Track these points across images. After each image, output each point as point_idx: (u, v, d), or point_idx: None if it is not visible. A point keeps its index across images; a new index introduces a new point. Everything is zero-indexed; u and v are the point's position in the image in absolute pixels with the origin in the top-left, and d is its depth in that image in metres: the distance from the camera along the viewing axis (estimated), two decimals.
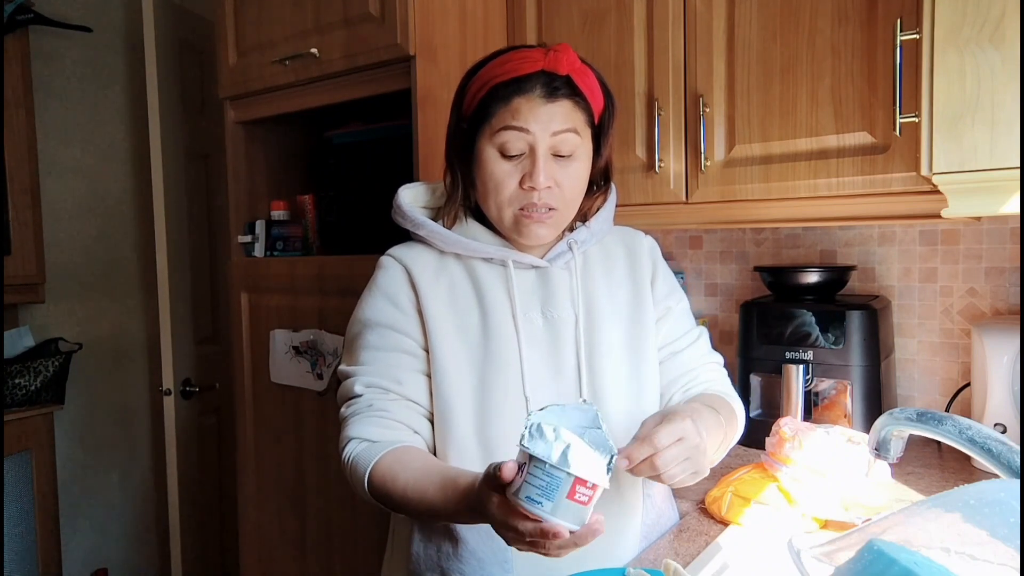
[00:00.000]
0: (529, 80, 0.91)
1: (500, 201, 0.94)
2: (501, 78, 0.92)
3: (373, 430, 0.93)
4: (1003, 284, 1.48)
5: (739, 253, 1.80)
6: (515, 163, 0.93)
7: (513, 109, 0.91)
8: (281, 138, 1.93)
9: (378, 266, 1.03)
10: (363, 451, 0.92)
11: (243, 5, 1.73)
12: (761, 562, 0.99)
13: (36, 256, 2.21)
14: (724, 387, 1.09)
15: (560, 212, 0.95)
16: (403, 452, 0.91)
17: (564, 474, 0.66)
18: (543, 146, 0.91)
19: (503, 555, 0.94)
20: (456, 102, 1.00)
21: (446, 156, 1.01)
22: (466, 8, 1.57)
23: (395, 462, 0.89)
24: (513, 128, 0.91)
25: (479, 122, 0.94)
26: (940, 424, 0.71)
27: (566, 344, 0.98)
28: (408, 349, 0.98)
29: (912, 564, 0.55)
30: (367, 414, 0.94)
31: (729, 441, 1.00)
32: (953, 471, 1.32)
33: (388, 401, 0.95)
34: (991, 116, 0.99)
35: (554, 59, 0.91)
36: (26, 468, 2.15)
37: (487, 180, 0.94)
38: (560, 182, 0.93)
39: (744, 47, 1.37)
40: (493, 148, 0.93)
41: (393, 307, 0.99)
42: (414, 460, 0.89)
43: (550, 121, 0.91)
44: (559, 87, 0.91)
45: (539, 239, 0.96)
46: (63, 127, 2.39)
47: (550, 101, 0.91)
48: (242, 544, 1.93)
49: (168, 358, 2.13)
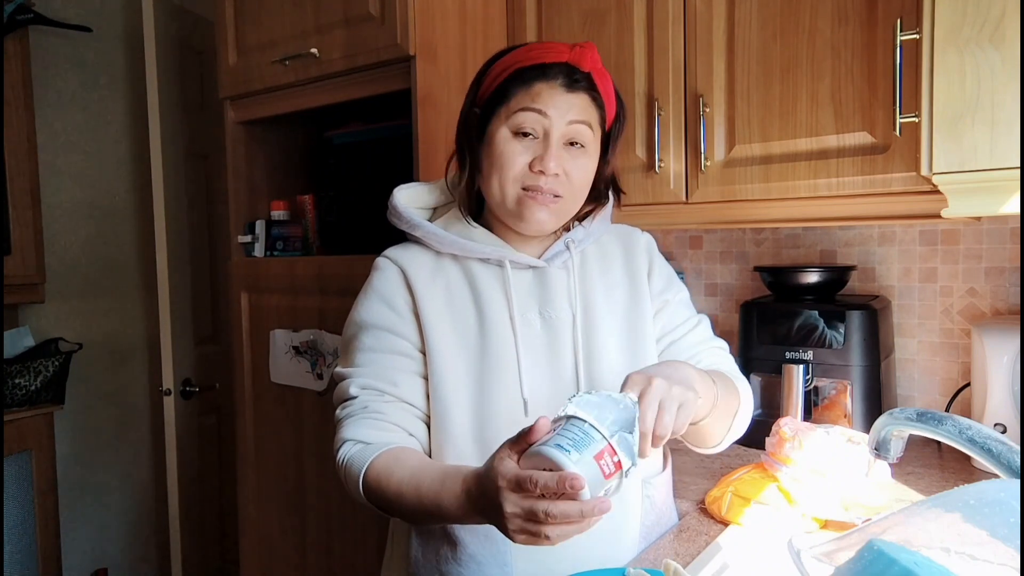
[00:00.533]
0: (552, 68, 0.92)
1: (505, 178, 0.93)
2: (524, 63, 0.93)
3: (368, 432, 0.92)
4: (1003, 284, 1.48)
5: (739, 253, 1.80)
6: (527, 144, 0.93)
7: (534, 93, 0.91)
8: (281, 138, 1.93)
9: (373, 267, 1.03)
10: (357, 453, 0.91)
11: (243, 5, 1.73)
12: (761, 562, 0.99)
13: (36, 256, 2.21)
14: (729, 368, 1.05)
15: (564, 201, 0.95)
16: (399, 451, 0.90)
17: (600, 436, 0.67)
18: (557, 132, 0.92)
19: (502, 557, 0.94)
20: (472, 89, 1.00)
21: (456, 142, 1.01)
22: (466, 8, 1.57)
23: (391, 461, 0.88)
24: (531, 110, 0.91)
25: (496, 104, 0.94)
26: (940, 424, 0.71)
27: (564, 345, 0.98)
28: (403, 351, 0.97)
29: (912, 564, 0.55)
30: (362, 416, 0.94)
31: (730, 409, 0.96)
32: (953, 471, 1.32)
33: (383, 403, 0.95)
34: (991, 116, 0.99)
35: (579, 54, 0.92)
36: (26, 468, 2.15)
37: (495, 158, 0.93)
38: (569, 172, 0.93)
39: (744, 47, 1.37)
40: (507, 129, 0.93)
41: (388, 309, 0.98)
42: (410, 459, 0.88)
43: (568, 110, 0.92)
44: (580, 80, 0.92)
45: (539, 224, 0.95)
46: (63, 127, 2.39)
47: (570, 91, 0.92)
48: (242, 544, 1.93)
49: (168, 358, 2.13)
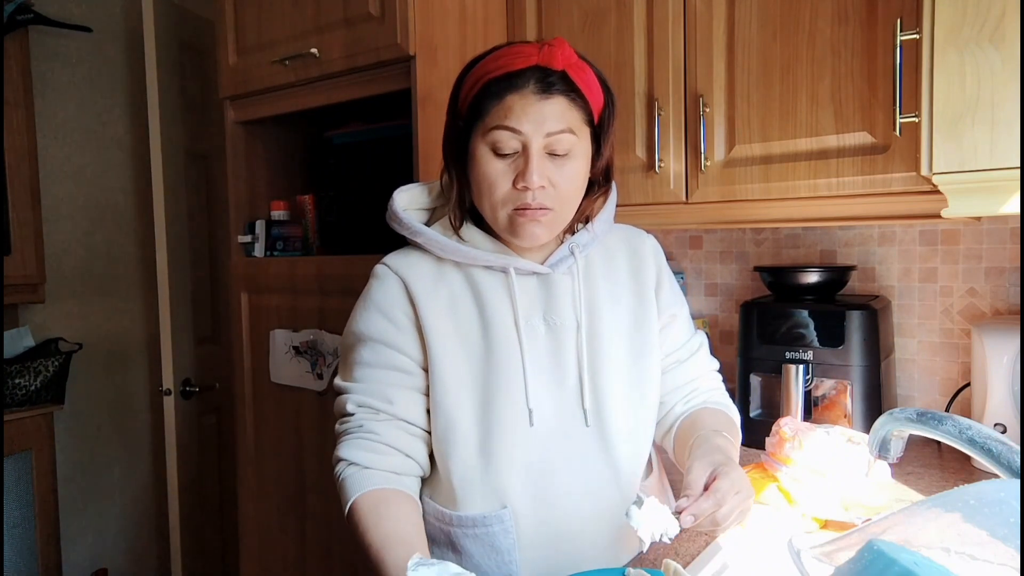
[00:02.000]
0: (522, 76, 0.88)
1: (494, 201, 0.92)
2: (494, 74, 0.89)
3: (362, 455, 0.92)
4: (1003, 284, 1.48)
5: (739, 253, 1.80)
6: (508, 162, 0.90)
7: (506, 107, 0.88)
8: (281, 138, 1.93)
9: (372, 276, 1.00)
10: (350, 476, 0.91)
11: (243, 5, 1.73)
12: (761, 562, 0.99)
13: (36, 256, 2.21)
14: (723, 397, 1.10)
15: (556, 212, 0.92)
16: (383, 502, 0.89)
17: None
18: (536, 145, 0.88)
19: (507, 568, 0.94)
20: (452, 100, 0.97)
21: (443, 156, 0.99)
22: (466, 8, 1.57)
23: (372, 509, 0.87)
24: (505, 128, 0.88)
25: (473, 119, 0.92)
26: (940, 424, 0.71)
27: (568, 352, 0.97)
28: (401, 366, 0.95)
29: (912, 564, 0.55)
30: (357, 435, 0.93)
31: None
32: (953, 471, 1.32)
33: (378, 423, 0.93)
34: (991, 116, 0.99)
35: (548, 54, 0.88)
36: (26, 468, 2.15)
37: (481, 180, 0.92)
38: (555, 182, 0.90)
39: (744, 47, 1.37)
40: (486, 146, 0.90)
41: (387, 321, 0.96)
42: (387, 519, 0.87)
43: (544, 121, 0.88)
44: (554, 83, 0.88)
45: (534, 239, 0.93)
46: (63, 127, 2.39)
47: (544, 98, 0.87)
48: (242, 544, 1.93)
49: (168, 358, 2.13)
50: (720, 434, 0.95)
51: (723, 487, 0.80)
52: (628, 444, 0.98)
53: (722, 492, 0.80)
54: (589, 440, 0.96)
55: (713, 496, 0.79)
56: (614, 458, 0.97)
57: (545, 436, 0.94)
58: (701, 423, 1.00)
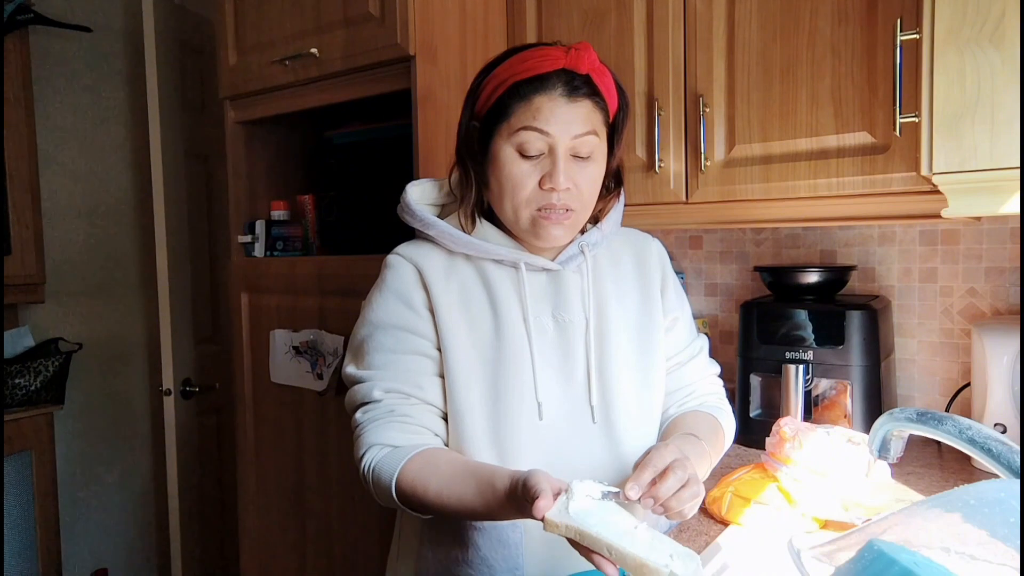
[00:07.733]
0: (550, 78, 0.89)
1: (518, 202, 0.92)
2: (521, 75, 0.90)
3: (396, 435, 0.91)
4: (1003, 284, 1.48)
5: (739, 253, 1.80)
6: (534, 163, 0.91)
7: (534, 109, 0.89)
8: (281, 138, 1.93)
9: (385, 265, 1.01)
10: (386, 457, 0.90)
11: (243, 5, 1.73)
12: (761, 562, 0.99)
13: (36, 256, 2.21)
14: (719, 401, 1.10)
15: (577, 213, 0.94)
16: (430, 455, 0.89)
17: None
18: (563, 148, 0.90)
19: (514, 561, 0.94)
20: (468, 101, 0.97)
21: (457, 156, 0.99)
22: (466, 8, 1.57)
23: (424, 466, 0.87)
24: (533, 129, 0.89)
25: (496, 120, 0.92)
26: (940, 424, 0.71)
27: (576, 348, 0.97)
28: (424, 351, 0.96)
29: (912, 564, 0.55)
30: (388, 419, 0.92)
31: (713, 462, 1.01)
32: (953, 471, 1.32)
33: (410, 406, 0.94)
34: (991, 116, 0.99)
35: (575, 58, 0.90)
36: (26, 468, 2.15)
37: (504, 181, 0.92)
38: (579, 183, 0.92)
39: (744, 47, 1.37)
40: (511, 147, 0.91)
41: (406, 307, 0.96)
42: (441, 464, 0.88)
43: (571, 123, 0.89)
44: (580, 86, 0.90)
45: (555, 240, 0.95)
46: (63, 127, 2.39)
47: (571, 101, 0.89)
48: (242, 544, 1.93)
49: (168, 358, 2.13)
50: (691, 436, 0.95)
51: (655, 455, 0.79)
52: (635, 441, 0.98)
53: (655, 458, 0.78)
54: (596, 436, 0.97)
55: (649, 463, 0.78)
56: (621, 454, 0.97)
57: (554, 431, 0.95)
58: (681, 426, 1.01)
